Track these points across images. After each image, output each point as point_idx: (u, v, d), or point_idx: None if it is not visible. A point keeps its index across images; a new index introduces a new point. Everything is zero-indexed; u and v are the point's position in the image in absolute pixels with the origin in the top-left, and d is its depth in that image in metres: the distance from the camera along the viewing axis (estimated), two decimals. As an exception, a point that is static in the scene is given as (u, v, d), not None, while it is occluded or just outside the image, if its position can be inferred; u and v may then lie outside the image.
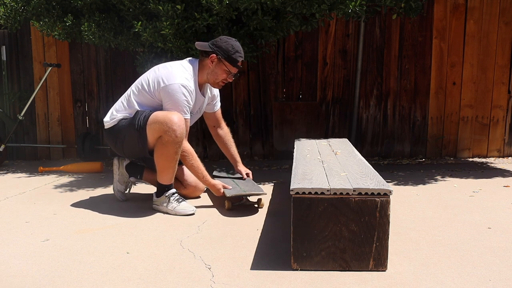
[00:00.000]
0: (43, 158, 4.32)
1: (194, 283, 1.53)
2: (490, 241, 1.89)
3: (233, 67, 2.41)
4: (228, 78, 2.45)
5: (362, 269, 1.59)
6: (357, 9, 2.86)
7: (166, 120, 2.25)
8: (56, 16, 3.35)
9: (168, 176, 2.39)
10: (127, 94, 2.47)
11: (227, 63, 2.39)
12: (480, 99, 4.01)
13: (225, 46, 2.38)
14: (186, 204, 2.40)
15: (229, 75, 2.44)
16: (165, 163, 2.35)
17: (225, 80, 2.45)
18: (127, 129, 2.38)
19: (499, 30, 3.91)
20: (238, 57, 2.40)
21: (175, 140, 2.27)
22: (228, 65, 2.40)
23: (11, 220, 2.30)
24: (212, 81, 2.46)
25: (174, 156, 2.32)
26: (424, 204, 2.52)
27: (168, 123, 2.25)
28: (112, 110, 2.49)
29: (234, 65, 2.40)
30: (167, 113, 2.28)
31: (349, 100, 4.04)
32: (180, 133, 2.27)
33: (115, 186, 2.68)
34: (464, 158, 4.07)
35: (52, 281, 1.56)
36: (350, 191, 1.56)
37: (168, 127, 2.25)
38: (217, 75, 2.42)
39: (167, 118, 2.26)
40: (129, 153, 2.51)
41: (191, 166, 2.42)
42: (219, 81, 2.45)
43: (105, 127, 2.50)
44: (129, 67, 4.09)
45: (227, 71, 2.41)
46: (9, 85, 4.24)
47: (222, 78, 2.43)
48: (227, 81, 2.48)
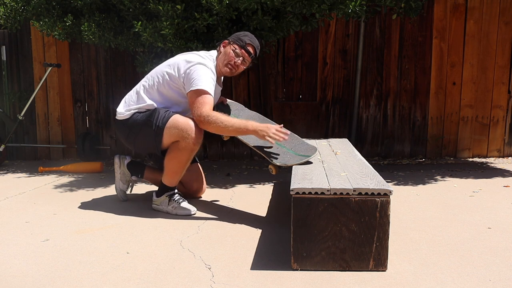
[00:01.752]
0: (43, 158, 4.32)
1: (194, 283, 1.53)
2: (490, 241, 1.89)
3: (241, 49, 2.38)
4: (236, 62, 2.39)
5: (362, 269, 1.59)
6: (357, 9, 2.86)
7: (187, 127, 2.25)
8: (56, 16, 3.35)
9: (175, 179, 2.40)
10: (140, 87, 2.45)
11: (236, 45, 2.38)
12: (480, 99, 4.01)
13: (238, 33, 2.44)
14: (187, 204, 2.40)
15: (238, 58, 2.39)
16: (175, 167, 2.35)
17: (233, 63, 2.39)
18: (143, 126, 2.35)
19: (499, 30, 3.91)
20: (246, 39, 2.39)
21: (191, 148, 2.28)
22: (236, 47, 2.38)
23: (11, 220, 2.30)
24: (221, 65, 2.41)
25: (186, 163, 2.34)
26: (424, 204, 2.52)
27: (188, 130, 2.25)
28: (127, 102, 2.45)
29: (242, 46, 2.37)
30: (187, 120, 2.27)
31: (349, 100, 4.04)
32: (197, 142, 2.28)
33: (117, 186, 2.67)
34: (464, 158, 4.07)
35: (52, 281, 1.56)
36: (350, 191, 1.56)
37: (188, 134, 2.25)
38: (225, 57, 2.39)
39: (187, 125, 2.26)
40: (139, 148, 2.50)
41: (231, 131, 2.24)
42: (227, 62, 2.39)
43: (117, 118, 2.46)
44: (129, 67, 4.09)
45: (236, 53, 2.38)
46: (9, 85, 4.24)
47: (230, 60, 2.38)
48: (236, 68, 2.42)
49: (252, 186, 3.07)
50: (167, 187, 2.41)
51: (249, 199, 2.70)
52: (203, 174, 2.73)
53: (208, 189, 2.84)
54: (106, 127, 4.22)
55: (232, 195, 2.80)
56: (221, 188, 3.00)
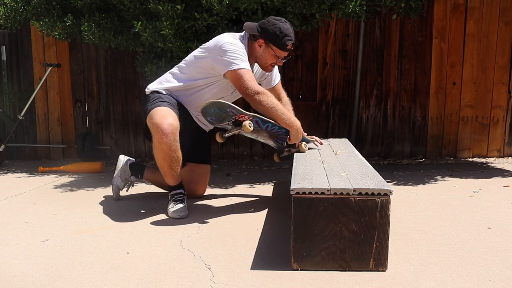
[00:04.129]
0: (43, 158, 4.32)
1: (194, 283, 1.52)
2: (490, 241, 1.89)
3: (281, 51, 2.32)
4: (277, 62, 2.37)
5: (362, 269, 1.59)
6: (357, 9, 2.86)
7: (158, 122, 2.18)
8: (56, 16, 3.35)
9: (166, 178, 2.35)
10: (174, 68, 2.48)
11: (275, 47, 2.30)
12: (480, 99, 4.01)
13: (273, 29, 2.28)
14: (180, 207, 2.31)
15: (278, 59, 2.36)
16: (159, 167, 2.33)
17: (274, 63, 2.38)
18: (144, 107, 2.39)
19: (499, 30, 3.91)
20: (287, 41, 2.30)
21: (157, 147, 2.21)
22: (276, 50, 2.31)
23: (11, 220, 2.30)
24: (261, 65, 2.39)
25: (162, 162, 2.27)
26: (424, 204, 2.52)
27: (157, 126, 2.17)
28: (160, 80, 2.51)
29: (282, 49, 2.32)
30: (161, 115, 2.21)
31: (349, 100, 4.04)
32: (164, 141, 2.17)
33: (114, 181, 2.66)
34: (464, 158, 4.07)
35: (52, 281, 1.56)
36: (351, 191, 1.56)
37: (155, 131, 2.19)
38: (265, 60, 2.35)
39: (156, 121, 2.19)
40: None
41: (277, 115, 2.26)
42: (268, 65, 2.37)
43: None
44: (129, 67, 4.09)
45: (275, 56, 2.34)
46: (9, 85, 4.24)
47: (271, 62, 2.36)
48: (277, 64, 2.40)
49: (252, 186, 3.07)
50: (169, 187, 2.39)
51: (249, 199, 2.70)
52: (207, 178, 2.68)
53: (208, 189, 2.84)
54: (106, 127, 4.22)
55: (232, 195, 2.79)
56: (221, 188, 3.00)
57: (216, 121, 2.29)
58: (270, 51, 2.33)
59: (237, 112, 2.20)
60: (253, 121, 2.25)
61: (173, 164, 2.28)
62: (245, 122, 2.19)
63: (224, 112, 2.21)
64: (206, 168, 2.65)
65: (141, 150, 4.22)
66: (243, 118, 2.22)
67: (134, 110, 4.17)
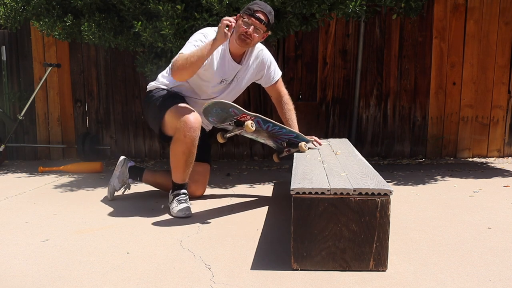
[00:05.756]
0: (43, 158, 4.32)
1: (194, 283, 1.53)
2: (490, 241, 1.89)
3: (250, 17, 2.34)
4: (248, 31, 2.35)
5: (362, 269, 1.59)
6: (357, 9, 2.86)
7: (185, 116, 2.27)
8: (56, 16, 3.35)
9: (177, 174, 2.35)
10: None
11: (245, 15, 2.36)
12: (480, 99, 4.01)
13: (248, 5, 2.41)
14: (185, 206, 2.32)
15: (248, 27, 2.35)
16: (173, 161, 2.34)
17: (245, 33, 2.36)
18: (151, 105, 2.49)
19: (499, 30, 3.91)
20: (255, 7, 2.35)
21: (182, 140, 2.26)
22: (245, 16, 2.35)
23: (11, 220, 2.30)
24: (236, 39, 2.39)
25: (180, 156, 2.30)
26: (424, 204, 2.52)
27: (185, 120, 2.26)
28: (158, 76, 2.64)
29: (251, 15, 2.34)
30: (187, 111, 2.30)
31: (349, 100, 4.04)
32: (190, 135, 2.25)
33: (112, 182, 2.67)
34: (464, 158, 4.07)
35: (52, 281, 1.56)
36: (351, 191, 1.56)
37: (182, 124, 2.26)
38: (236, 29, 2.37)
39: (182, 117, 2.27)
40: (150, 124, 2.67)
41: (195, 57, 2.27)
42: (239, 34, 2.36)
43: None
44: (129, 67, 4.09)
45: (245, 22, 2.35)
46: (9, 85, 4.24)
47: (241, 31, 2.36)
48: (250, 37, 2.37)
49: (252, 186, 3.07)
50: (175, 184, 2.38)
51: (249, 199, 2.70)
52: (206, 178, 2.69)
53: (208, 189, 2.84)
54: (106, 127, 4.22)
55: (232, 195, 2.80)
56: (221, 188, 3.00)
57: (218, 121, 2.29)
58: (241, 19, 2.37)
59: (239, 112, 2.20)
60: (254, 121, 2.25)
61: (189, 160, 2.32)
62: (247, 122, 2.20)
63: (226, 112, 2.21)
64: (205, 167, 2.65)
65: (141, 150, 4.22)
66: (245, 118, 2.23)
67: (134, 110, 4.17)
